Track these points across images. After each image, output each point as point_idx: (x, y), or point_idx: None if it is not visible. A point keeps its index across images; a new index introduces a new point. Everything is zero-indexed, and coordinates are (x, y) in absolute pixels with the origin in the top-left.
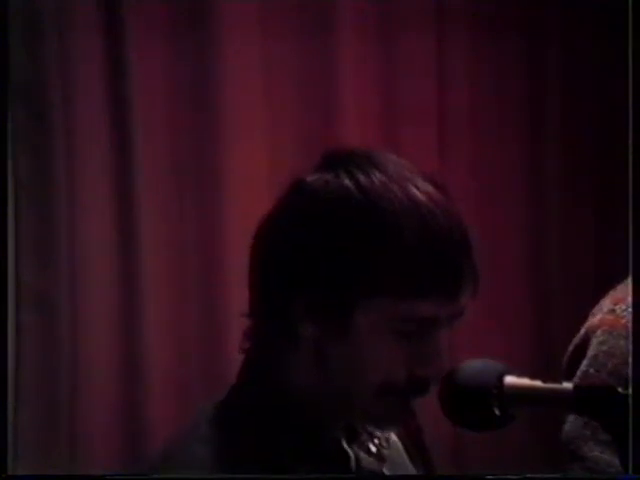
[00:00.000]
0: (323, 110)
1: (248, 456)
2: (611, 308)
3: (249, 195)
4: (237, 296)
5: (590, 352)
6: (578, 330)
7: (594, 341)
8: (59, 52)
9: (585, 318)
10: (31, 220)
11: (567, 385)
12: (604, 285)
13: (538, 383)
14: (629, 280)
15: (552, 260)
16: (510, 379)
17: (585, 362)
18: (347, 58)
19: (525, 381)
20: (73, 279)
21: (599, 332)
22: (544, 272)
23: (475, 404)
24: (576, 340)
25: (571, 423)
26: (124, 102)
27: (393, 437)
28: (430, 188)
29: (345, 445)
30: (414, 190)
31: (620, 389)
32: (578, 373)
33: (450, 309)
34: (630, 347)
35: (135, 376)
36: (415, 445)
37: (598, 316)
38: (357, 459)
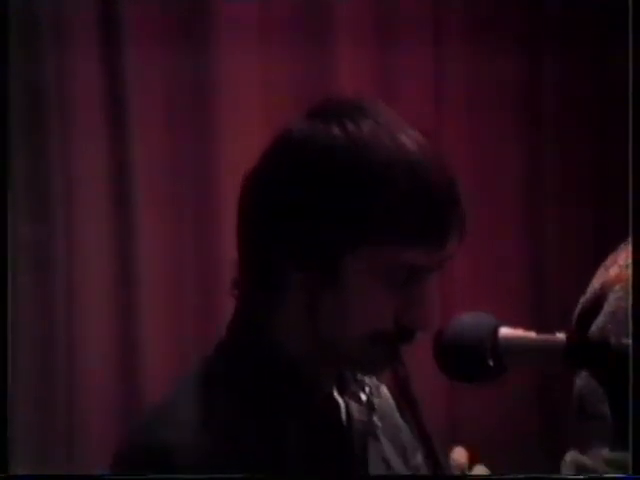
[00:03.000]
0: None
1: (239, 409)
2: (629, 263)
3: None
4: None
5: (607, 308)
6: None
7: (611, 297)
8: (57, 53)
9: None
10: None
11: (560, 336)
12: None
13: (532, 334)
14: None
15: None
16: (504, 330)
17: (602, 318)
18: (345, 63)
19: (519, 332)
20: (70, 281)
21: (617, 287)
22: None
23: (469, 355)
24: (589, 295)
25: (584, 379)
26: (122, 102)
27: (384, 389)
28: (419, 137)
29: (336, 395)
30: (403, 138)
31: (613, 340)
32: (593, 328)
33: (437, 257)
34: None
35: (133, 375)
36: (404, 393)
37: (614, 270)
38: (348, 408)
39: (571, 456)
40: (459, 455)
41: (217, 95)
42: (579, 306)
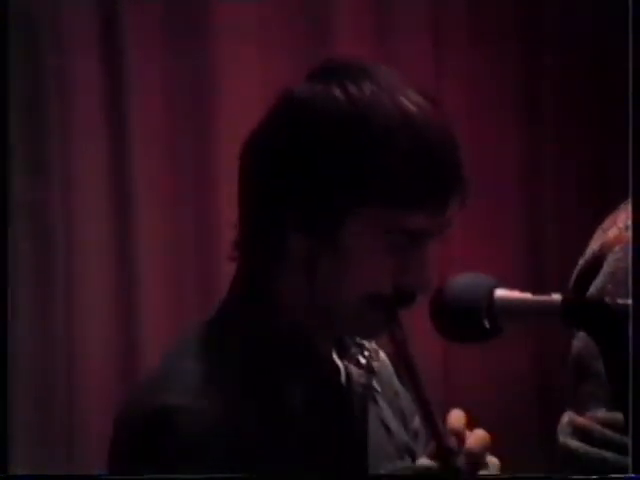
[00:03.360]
0: None
1: (238, 372)
2: (628, 224)
3: None
4: None
5: (607, 269)
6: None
7: (610, 257)
8: (57, 53)
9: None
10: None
11: (556, 297)
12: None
13: (528, 295)
14: None
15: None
16: (500, 292)
17: (601, 278)
18: None
19: (515, 294)
20: (70, 281)
21: (617, 248)
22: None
23: (465, 315)
24: (587, 256)
25: (581, 340)
26: (122, 102)
27: (382, 354)
28: (421, 100)
29: (336, 358)
30: (404, 101)
31: (609, 300)
32: (592, 289)
33: (438, 221)
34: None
35: (133, 375)
36: (401, 356)
37: (612, 232)
38: (347, 372)
39: (568, 416)
40: (456, 418)
41: (217, 95)
42: (577, 267)
